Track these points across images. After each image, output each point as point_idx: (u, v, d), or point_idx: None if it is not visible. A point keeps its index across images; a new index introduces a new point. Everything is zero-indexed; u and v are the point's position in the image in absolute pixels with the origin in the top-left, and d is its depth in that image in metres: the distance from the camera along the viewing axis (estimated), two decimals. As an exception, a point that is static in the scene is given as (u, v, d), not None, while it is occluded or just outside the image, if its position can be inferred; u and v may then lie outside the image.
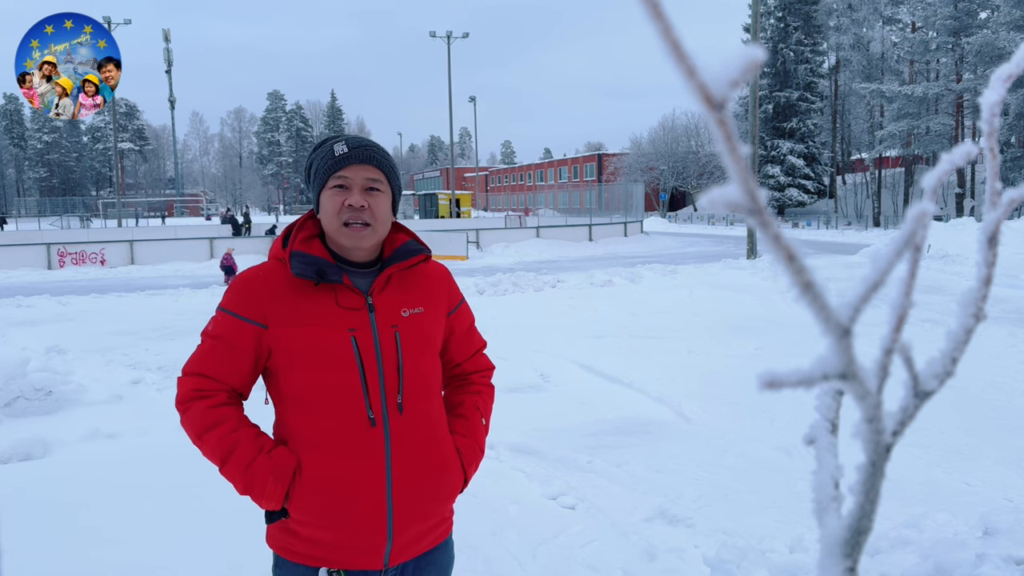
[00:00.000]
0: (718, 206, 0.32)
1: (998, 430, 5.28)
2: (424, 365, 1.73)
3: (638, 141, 63.75)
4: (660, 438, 5.22)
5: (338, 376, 1.63)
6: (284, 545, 1.69)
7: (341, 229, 1.66)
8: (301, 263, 1.64)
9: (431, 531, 1.76)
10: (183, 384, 1.69)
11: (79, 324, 10.24)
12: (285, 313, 1.64)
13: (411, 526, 1.69)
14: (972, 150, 0.40)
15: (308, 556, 1.66)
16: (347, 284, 1.66)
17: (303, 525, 1.64)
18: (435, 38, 45.42)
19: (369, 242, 1.69)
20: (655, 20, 0.29)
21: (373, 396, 1.64)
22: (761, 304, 10.73)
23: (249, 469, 1.60)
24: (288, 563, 1.69)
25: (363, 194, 1.67)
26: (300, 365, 1.64)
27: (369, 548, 1.65)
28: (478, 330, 1.98)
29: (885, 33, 43.81)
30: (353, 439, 1.63)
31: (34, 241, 24.16)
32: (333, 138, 1.74)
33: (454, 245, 22.01)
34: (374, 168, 1.69)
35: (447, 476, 1.75)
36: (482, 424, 1.87)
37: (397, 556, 1.69)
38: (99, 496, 4.10)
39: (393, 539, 1.66)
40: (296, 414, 1.66)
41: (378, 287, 1.70)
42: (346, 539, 1.64)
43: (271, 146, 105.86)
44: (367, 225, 1.66)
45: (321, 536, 1.64)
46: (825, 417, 0.45)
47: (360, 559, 1.66)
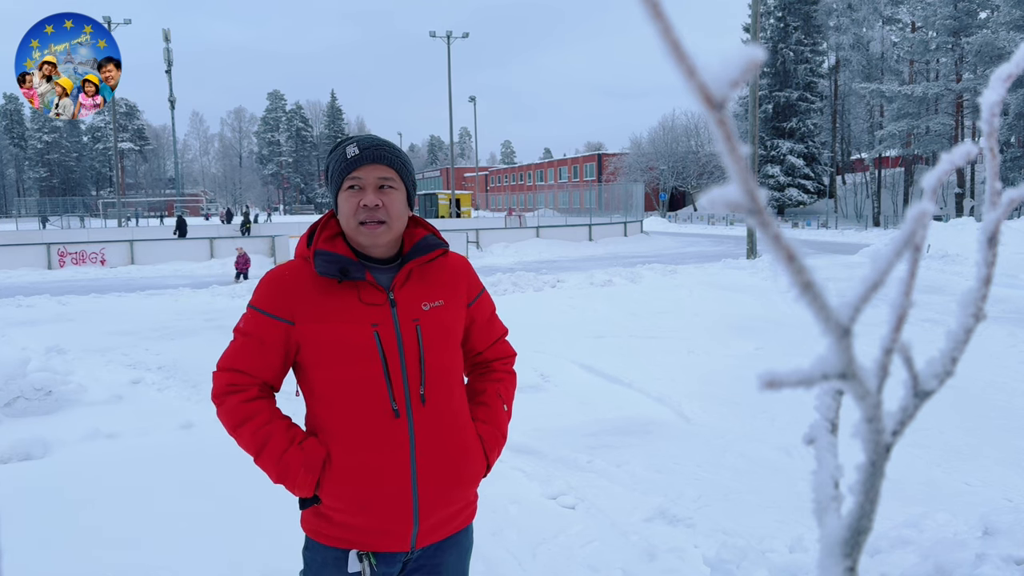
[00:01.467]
0: (718, 206, 0.32)
1: (998, 430, 5.28)
2: (445, 357, 1.79)
3: (638, 141, 63.75)
4: (660, 438, 5.22)
5: (362, 370, 1.69)
6: (316, 529, 1.77)
7: (358, 228, 1.72)
8: (324, 261, 1.70)
9: (456, 515, 1.83)
10: (218, 379, 1.76)
11: (79, 324, 10.24)
12: (311, 310, 1.71)
13: (436, 511, 1.77)
14: (972, 150, 0.40)
15: (339, 539, 1.74)
16: (369, 281, 1.72)
17: (334, 511, 1.72)
18: (435, 38, 45.45)
19: (385, 239, 1.74)
20: (655, 20, 0.29)
21: (396, 389, 1.71)
22: (761, 304, 10.73)
23: (282, 460, 1.68)
24: (319, 546, 1.77)
25: (376, 193, 1.72)
26: (326, 361, 1.70)
27: (397, 532, 1.73)
28: (499, 318, 2.04)
29: (885, 33, 43.82)
30: (378, 431, 1.70)
31: (34, 241, 24.16)
32: (347, 140, 1.78)
33: (454, 245, 21.91)
34: (386, 167, 1.73)
35: (469, 462, 1.82)
36: (503, 411, 1.93)
37: (424, 539, 1.77)
38: (99, 496, 4.09)
39: (419, 523, 1.74)
40: (324, 407, 1.73)
41: (399, 282, 1.76)
42: (375, 524, 1.72)
43: (271, 146, 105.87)
44: (382, 223, 1.72)
45: (352, 521, 1.72)
46: (825, 417, 0.45)
47: (389, 542, 1.74)
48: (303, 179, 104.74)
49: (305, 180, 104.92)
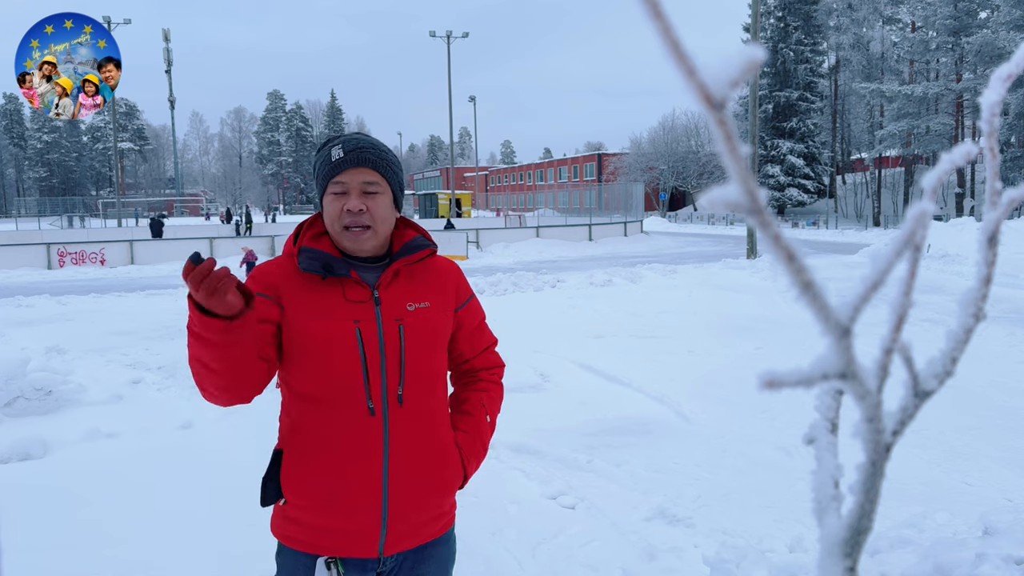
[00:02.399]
0: (718, 206, 0.32)
1: (998, 430, 5.28)
2: (427, 359, 1.77)
3: (638, 141, 63.75)
4: (660, 438, 5.22)
5: (341, 366, 1.68)
6: (284, 532, 1.74)
7: (342, 233, 1.71)
8: (308, 259, 1.70)
9: (429, 523, 1.78)
10: None
11: (79, 324, 10.24)
12: (296, 304, 1.70)
13: (407, 516, 1.72)
14: (972, 150, 0.40)
15: (305, 543, 1.71)
16: (354, 278, 1.71)
17: (300, 509, 1.70)
18: (435, 38, 45.44)
19: (370, 244, 1.73)
20: (655, 20, 0.29)
21: (374, 387, 1.69)
22: (761, 304, 10.73)
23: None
24: (288, 551, 1.74)
25: (360, 198, 1.70)
26: (306, 354, 1.69)
27: (363, 533, 1.69)
28: (489, 328, 2.00)
29: (885, 33, 43.82)
30: (352, 427, 1.68)
31: (34, 241, 24.15)
32: (333, 140, 1.76)
33: (454, 245, 22.00)
34: (370, 170, 1.71)
35: (445, 470, 1.78)
36: (486, 421, 1.90)
37: (393, 545, 1.72)
38: (99, 495, 4.10)
39: (388, 527, 1.70)
40: (299, 401, 1.72)
41: (385, 281, 1.75)
42: (340, 523, 1.68)
43: (271, 146, 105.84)
44: (367, 227, 1.71)
45: (316, 521, 1.69)
46: (825, 417, 0.45)
47: (354, 545, 1.69)
48: (303, 179, 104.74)
49: (305, 180, 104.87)
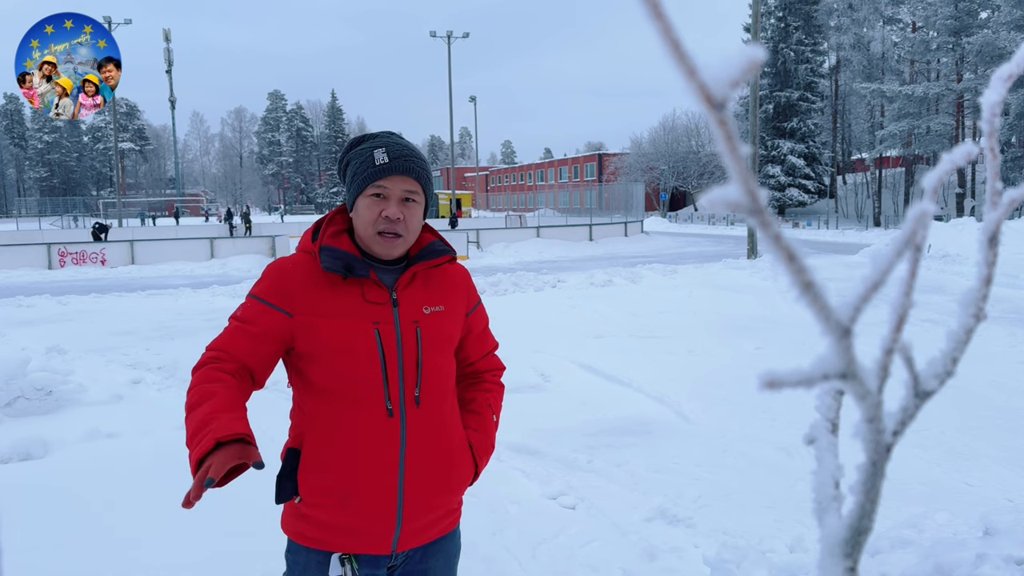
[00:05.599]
0: (718, 206, 0.32)
1: (998, 430, 5.28)
2: (441, 362, 1.79)
3: (638, 141, 63.75)
4: (660, 438, 5.22)
5: (361, 367, 1.69)
6: (296, 530, 1.74)
7: (375, 237, 1.72)
8: (330, 257, 1.70)
9: (440, 520, 1.82)
10: (203, 355, 1.73)
11: (79, 324, 10.24)
12: (312, 304, 1.70)
13: (421, 515, 1.75)
14: (972, 150, 0.40)
15: (319, 541, 1.71)
16: (373, 279, 1.72)
17: (315, 508, 1.70)
18: (435, 38, 45.45)
19: (399, 251, 1.75)
20: (655, 20, 0.29)
21: (392, 388, 1.71)
22: (761, 304, 10.73)
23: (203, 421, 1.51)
24: (300, 548, 1.74)
25: (400, 205, 1.71)
26: (325, 355, 1.69)
27: (378, 532, 1.71)
28: (491, 331, 2.05)
29: (885, 33, 43.80)
30: (370, 428, 1.69)
31: (35, 241, 24.16)
32: (372, 139, 1.75)
33: (454, 245, 21.93)
34: (413, 180, 1.72)
35: (458, 468, 1.81)
36: (493, 420, 1.95)
37: (405, 543, 1.75)
38: (99, 495, 4.10)
39: (402, 526, 1.72)
40: (317, 401, 1.72)
41: (403, 284, 1.76)
42: (356, 522, 1.69)
43: (271, 146, 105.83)
44: (399, 236, 1.72)
45: (332, 519, 1.69)
46: (825, 417, 0.45)
47: (369, 543, 1.71)
48: (303, 179, 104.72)
49: (305, 180, 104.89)
